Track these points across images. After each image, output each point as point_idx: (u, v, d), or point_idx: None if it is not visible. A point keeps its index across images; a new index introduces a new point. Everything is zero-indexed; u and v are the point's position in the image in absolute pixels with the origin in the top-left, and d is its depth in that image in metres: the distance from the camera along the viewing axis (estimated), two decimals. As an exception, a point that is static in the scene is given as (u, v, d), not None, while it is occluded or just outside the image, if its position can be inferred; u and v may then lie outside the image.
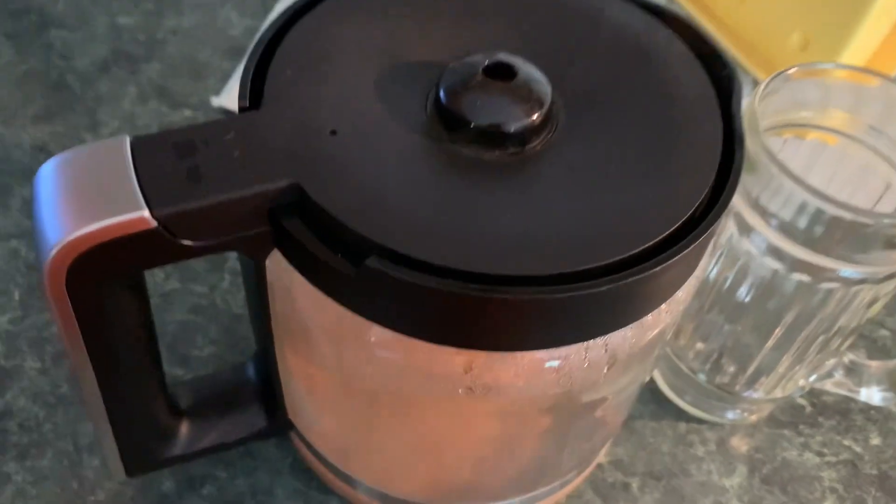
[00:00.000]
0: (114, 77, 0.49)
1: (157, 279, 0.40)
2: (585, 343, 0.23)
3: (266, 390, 0.31)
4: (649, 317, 0.23)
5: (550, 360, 0.23)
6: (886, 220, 0.26)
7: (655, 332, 0.24)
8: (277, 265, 0.23)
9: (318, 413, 0.29)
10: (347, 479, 0.32)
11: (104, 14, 0.53)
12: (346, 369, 0.25)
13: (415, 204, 0.22)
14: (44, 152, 0.45)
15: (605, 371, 0.23)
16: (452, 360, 0.22)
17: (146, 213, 0.20)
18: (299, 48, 0.25)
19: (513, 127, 0.23)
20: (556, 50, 0.26)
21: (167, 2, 0.54)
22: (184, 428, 0.30)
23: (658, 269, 0.21)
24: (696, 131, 0.24)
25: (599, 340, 0.23)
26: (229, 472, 0.34)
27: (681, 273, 0.23)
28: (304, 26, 0.26)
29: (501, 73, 0.24)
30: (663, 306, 0.23)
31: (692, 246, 0.21)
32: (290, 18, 0.26)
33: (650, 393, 0.38)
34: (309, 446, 0.32)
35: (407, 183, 0.22)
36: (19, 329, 0.38)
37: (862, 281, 0.29)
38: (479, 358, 0.22)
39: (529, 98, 0.23)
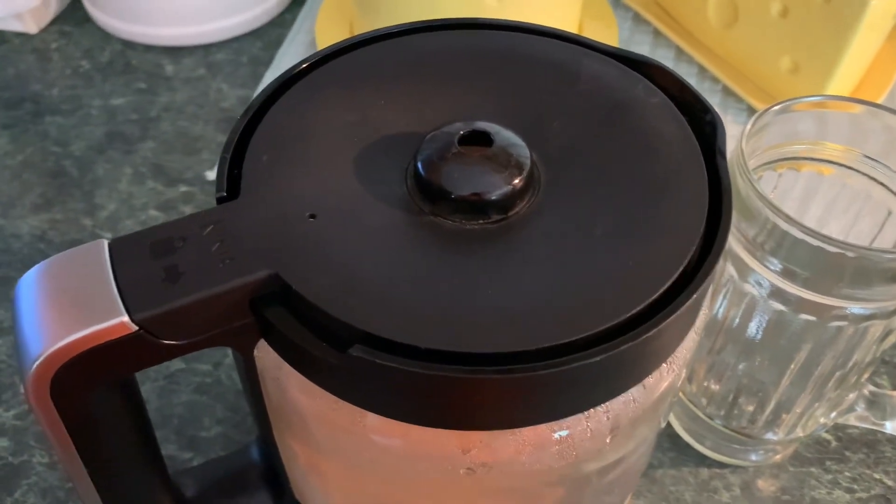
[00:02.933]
0: (109, 159, 0.50)
1: (161, 361, 0.40)
2: (586, 413, 0.22)
3: (271, 473, 0.30)
4: (651, 378, 0.23)
5: (551, 433, 0.22)
6: (887, 256, 0.25)
7: (658, 392, 0.23)
8: (266, 354, 0.23)
9: (325, 495, 0.29)
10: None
11: (97, 97, 0.53)
12: (344, 455, 0.24)
13: (398, 284, 0.21)
14: (43, 241, 0.45)
15: (608, 439, 0.23)
16: (449, 442, 0.22)
17: (126, 318, 0.20)
18: (275, 131, 0.25)
19: (494, 195, 0.22)
20: (534, 111, 0.25)
21: (159, 79, 0.55)
22: (189, 518, 0.30)
23: (651, 333, 0.20)
24: (681, 184, 0.24)
25: (600, 409, 0.22)
26: (243, 557, 0.34)
27: (677, 332, 0.22)
28: (280, 108, 0.25)
29: (478, 140, 0.23)
30: (664, 365, 0.23)
31: (683, 307, 0.20)
32: (266, 102, 0.26)
33: (669, 440, 0.37)
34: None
35: (389, 262, 0.22)
36: (26, 424, 0.38)
37: (871, 317, 0.28)
38: (477, 437, 0.22)
39: (509, 164, 0.23)
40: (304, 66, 0.26)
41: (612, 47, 0.27)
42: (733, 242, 0.29)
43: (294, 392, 0.23)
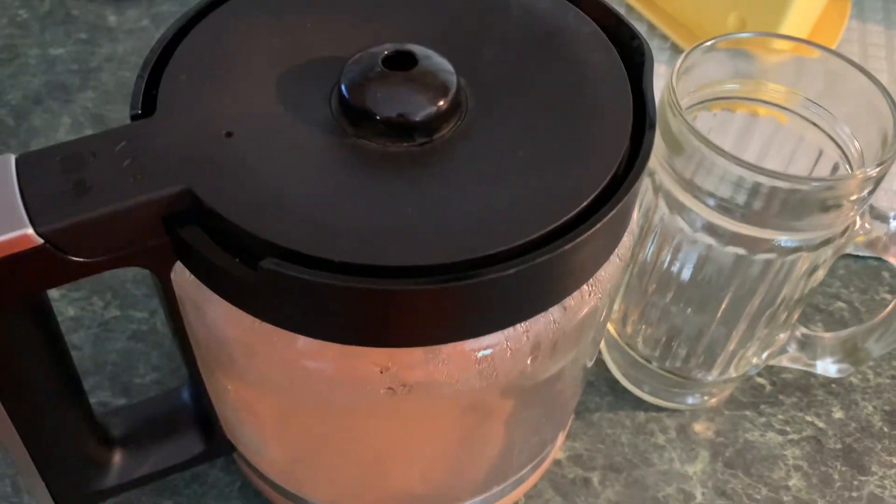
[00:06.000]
0: (47, 109, 0.49)
1: (97, 308, 0.39)
2: (505, 331, 0.22)
3: (201, 413, 0.30)
4: (571, 300, 0.23)
5: (471, 351, 0.22)
6: (816, 184, 0.26)
7: (580, 316, 0.23)
8: (183, 279, 0.23)
9: (254, 431, 0.28)
10: (295, 499, 0.31)
11: (35, 46, 0.52)
12: (265, 381, 0.24)
13: (316, 201, 0.21)
14: (-24, 189, 0.44)
15: (529, 360, 0.23)
16: (367, 361, 0.22)
17: (30, 230, 0.20)
18: (196, 52, 0.24)
19: (418, 116, 0.22)
20: (463, 38, 0.25)
21: (101, 30, 0.53)
22: (117, 458, 0.29)
23: (567, 247, 0.20)
24: (607, 110, 0.23)
25: (519, 328, 0.22)
26: (175, 500, 0.33)
27: (595, 251, 0.22)
28: (202, 30, 0.25)
29: (403, 62, 0.23)
30: (585, 287, 0.23)
31: (600, 223, 0.20)
32: (187, 24, 0.25)
33: (607, 384, 0.38)
34: (253, 468, 0.31)
35: (308, 181, 0.22)
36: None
37: (797, 249, 0.28)
38: (395, 356, 0.22)
39: (434, 85, 0.23)
40: (228, -13, 0.26)
41: (545, -25, 0.27)
42: (665, 179, 0.29)
43: (212, 316, 0.23)
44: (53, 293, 0.39)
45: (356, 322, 0.20)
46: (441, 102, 0.22)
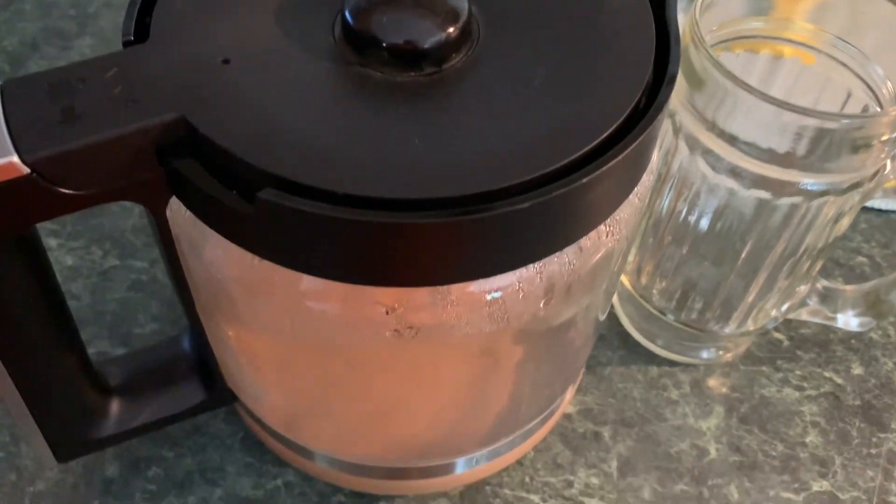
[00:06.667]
0: (45, 55, 0.47)
1: (95, 257, 0.38)
2: (517, 272, 0.21)
3: (202, 361, 0.29)
4: (588, 241, 0.21)
5: (481, 293, 0.21)
6: (846, 122, 0.24)
7: (597, 257, 0.22)
8: (179, 216, 0.21)
9: (256, 379, 0.27)
10: (298, 449, 0.30)
11: (32, -9, 0.50)
12: (266, 324, 0.23)
13: (318, 132, 0.20)
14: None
15: (542, 303, 0.21)
16: (372, 301, 0.20)
17: (15, 158, 0.18)
18: None
19: (427, 43, 0.21)
20: None
21: (99, -25, 0.52)
22: (115, 406, 0.28)
23: (584, 181, 0.19)
24: (628, 40, 0.22)
25: (533, 269, 0.21)
26: (176, 451, 0.33)
27: (615, 188, 0.21)
28: None
29: None
30: (602, 228, 0.21)
31: (619, 157, 0.19)
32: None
33: (619, 338, 0.37)
34: (256, 418, 0.31)
35: (310, 111, 0.20)
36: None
37: (825, 192, 0.27)
38: (401, 297, 0.20)
39: (443, 11, 0.21)
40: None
41: None
42: (687, 120, 0.28)
43: (210, 254, 0.22)
44: (51, 242, 0.38)
45: (361, 259, 0.19)
46: (451, 29, 0.21)
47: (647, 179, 0.23)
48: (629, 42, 0.22)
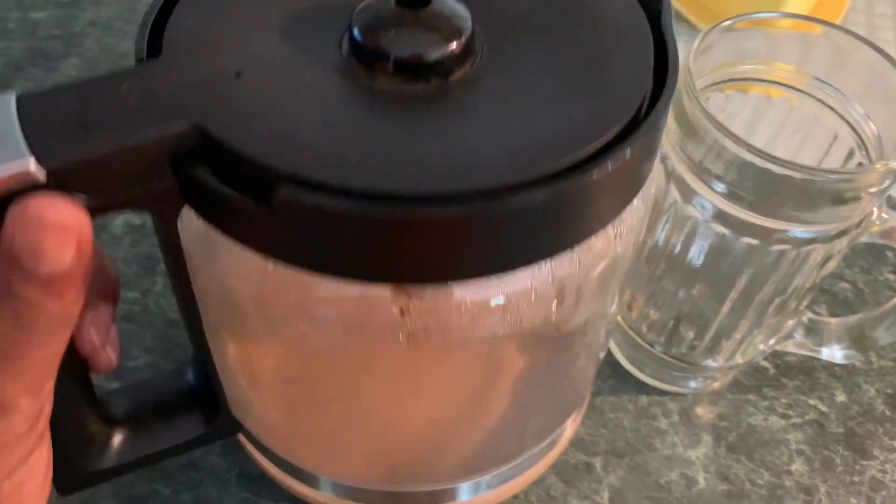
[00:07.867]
0: (30, 77, 0.47)
1: (86, 288, 0.38)
2: (530, 273, 0.21)
3: (206, 390, 0.29)
4: (598, 242, 0.22)
5: (494, 295, 0.21)
6: (832, 177, 0.25)
7: (605, 262, 0.23)
8: (190, 228, 0.22)
9: (263, 400, 0.28)
10: (302, 475, 0.31)
11: (15, 9, 0.50)
12: (277, 337, 0.23)
13: (331, 136, 0.20)
14: (-43, 162, 0.43)
15: (554, 306, 0.22)
16: (386, 303, 0.21)
17: (32, 165, 0.19)
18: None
19: (433, 56, 0.21)
20: None
21: (83, -8, 0.51)
22: (117, 437, 0.28)
23: (593, 174, 0.19)
24: (627, 53, 0.23)
25: (545, 268, 0.21)
26: (173, 486, 0.33)
27: (620, 187, 0.21)
28: None
29: (416, 1, 0.22)
30: (610, 229, 0.22)
31: (628, 150, 0.20)
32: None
33: (609, 367, 0.37)
34: (259, 446, 0.31)
35: (321, 119, 0.21)
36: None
37: (812, 240, 0.27)
38: (415, 299, 0.21)
39: (448, 25, 0.22)
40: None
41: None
42: (678, 164, 0.28)
43: (222, 264, 0.22)
44: (41, 272, 0.38)
45: (378, 255, 0.20)
46: (456, 42, 0.22)
47: (650, 185, 0.24)
48: (629, 55, 0.23)
